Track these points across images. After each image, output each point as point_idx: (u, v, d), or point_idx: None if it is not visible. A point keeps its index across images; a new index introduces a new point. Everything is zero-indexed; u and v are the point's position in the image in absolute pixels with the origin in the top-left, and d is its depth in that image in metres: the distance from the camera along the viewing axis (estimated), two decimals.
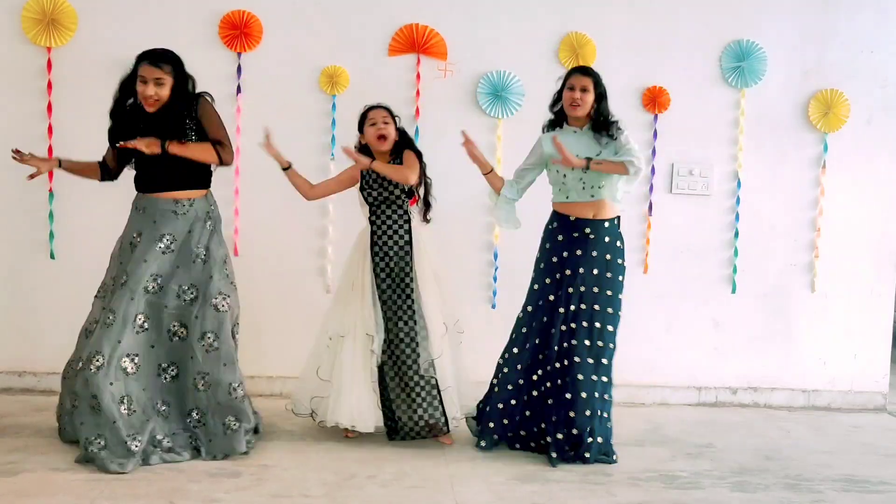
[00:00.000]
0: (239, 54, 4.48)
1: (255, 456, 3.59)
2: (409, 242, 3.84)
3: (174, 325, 3.58)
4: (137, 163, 3.66)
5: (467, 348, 4.04)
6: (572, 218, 3.77)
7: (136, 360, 3.51)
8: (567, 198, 3.79)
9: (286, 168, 3.90)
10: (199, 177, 3.68)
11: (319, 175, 4.45)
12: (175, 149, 3.52)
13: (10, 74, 4.43)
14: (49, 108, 4.42)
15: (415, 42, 4.53)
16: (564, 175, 3.75)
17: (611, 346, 3.69)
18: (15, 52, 4.41)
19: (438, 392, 3.75)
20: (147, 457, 3.42)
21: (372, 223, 3.87)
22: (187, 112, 3.59)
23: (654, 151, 4.65)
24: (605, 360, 3.67)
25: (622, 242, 3.80)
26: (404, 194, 3.84)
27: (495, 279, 4.66)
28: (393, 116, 3.88)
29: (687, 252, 4.72)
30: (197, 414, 3.57)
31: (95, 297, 3.73)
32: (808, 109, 4.68)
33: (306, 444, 3.79)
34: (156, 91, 3.52)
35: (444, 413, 3.75)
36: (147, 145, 3.49)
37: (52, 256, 4.50)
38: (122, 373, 3.47)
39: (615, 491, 3.36)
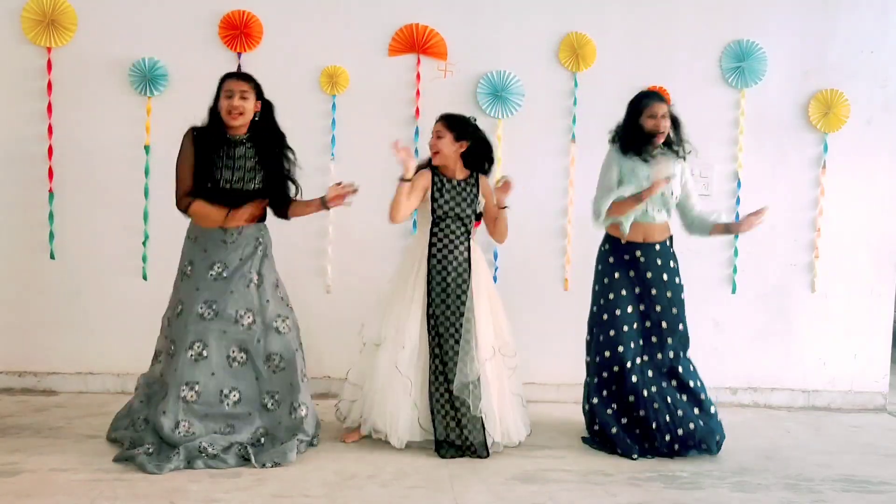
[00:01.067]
0: (239, 54, 4.48)
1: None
2: (469, 260, 3.79)
3: (233, 351, 3.57)
4: (214, 194, 3.57)
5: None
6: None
7: (195, 389, 3.51)
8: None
9: (406, 179, 3.70)
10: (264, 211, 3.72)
11: (319, 175, 4.46)
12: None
13: (10, 74, 4.43)
14: (49, 108, 4.42)
15: (415, 42, 4.53)
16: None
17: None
18: (15, 53, 4.41)
19: (472, 414, 3.66)
20: (191, 461, 3.41)
21: (433, 235, 3.78)
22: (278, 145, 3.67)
23: None
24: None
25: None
26: (474, 214, 3.84)
27: (495, 279, 4.66)
28: (451, 129, 3.79)
29: (687, 252, 4.70)
30: (261, 430, 3.57)
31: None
32: (808, 109, 4.68)
33: None
34: (241, 104, 3.54)
35: (483, 436, 3.66)
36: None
37: (52, 256, 4.50)
38: (184, 403, 3.48)
39: (615, 491, 3.36)
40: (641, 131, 3.81)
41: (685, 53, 4.63)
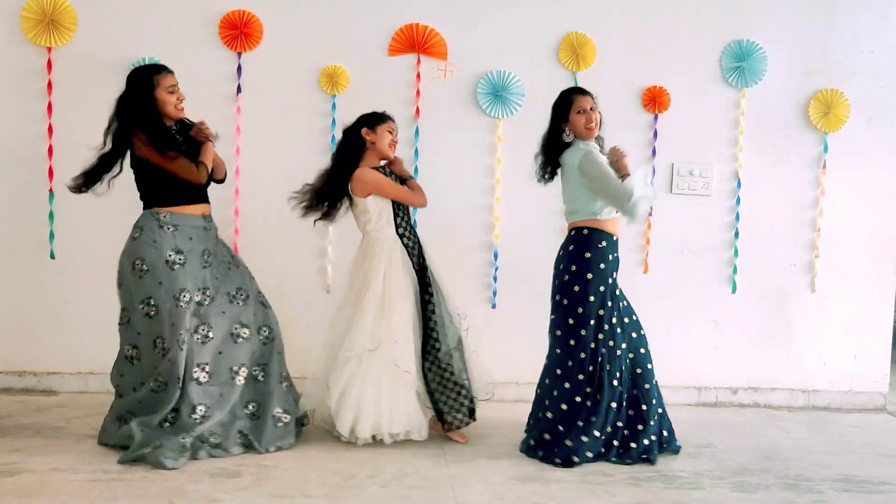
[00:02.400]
0: (239, 54, 4.48)
1: (256, 456, 3.59)
2: (419, 242, 3.95)
3: (236, 328, 3.70)
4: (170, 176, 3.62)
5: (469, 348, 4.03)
6: (615, 237, 3.76)
7: (206, 370, 3.61)
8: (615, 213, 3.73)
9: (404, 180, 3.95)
10: (205, 192, 3.81)
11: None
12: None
13: (10, 74, 4.43)
14: (49, 108, 4.42)
15: (415, 42, 4.53)
16: None
17: None
18: (15, 53, 4.41)
19: (457, 381, 3.81)
20: (195, 451, 3.48)
21: (398, 226, 3.88)
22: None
23: (654, 151, 4.65)
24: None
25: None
26: None
27: (495, 279, 4.66)
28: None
29: (687, 252, 4.72)
30: (254, 406, 3.69)
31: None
32: (808, 109, 4.68)
33: (306, 444, 3.78)
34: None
35: (466, 404, 3.83)
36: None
37: (52, 256, 4.50)
38: (196, 383, 3.58)
39: (615, 491, 3.36)
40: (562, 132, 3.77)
41: (685, 53, 4.63)
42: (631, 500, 3.28)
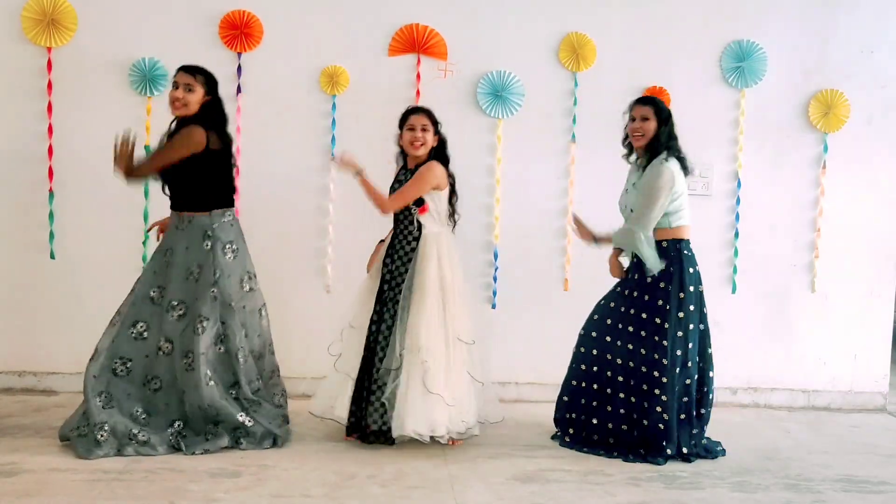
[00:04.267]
0: (239, 54, 4.48)
1: (255, 456, 3.59)
2: (414, 251, 3.78)
3: (161, 340, 3.63)
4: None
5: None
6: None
7: (127, 365, 3.61)
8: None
9: (358, 174, 3.77)
10: (193, 198, 3.69)
11: (320, 176, 4.47)
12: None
13: (10, 74, 4.43)
14: (49, 108, 4.42)
15: (415, 42, 4.53)
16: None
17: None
18: (15, 52, 4.41)
19: (386, 401, 3.69)
20: (122, 448, 3.48)
21: (393, 227, 3.89)
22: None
23: None
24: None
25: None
26: (413, 202, 3.80)
27: (495, 279, 4.66)
28: (434, 123, 3.85)
29: None
30: (179, 425, 3.63)
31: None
32: (808, 109, 4.68)
33: (306, 444, 3.78)
34: (184, 95, 3.61)
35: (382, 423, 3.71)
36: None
37: (52, 256, 4.50)
38: (111, 373, 3.58)
39: (615, 491, 3.36)
40: (627, 136, 3.83)
41: (685, 53, 4.63)
42: (631, 500, 3.28)
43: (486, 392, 3.88)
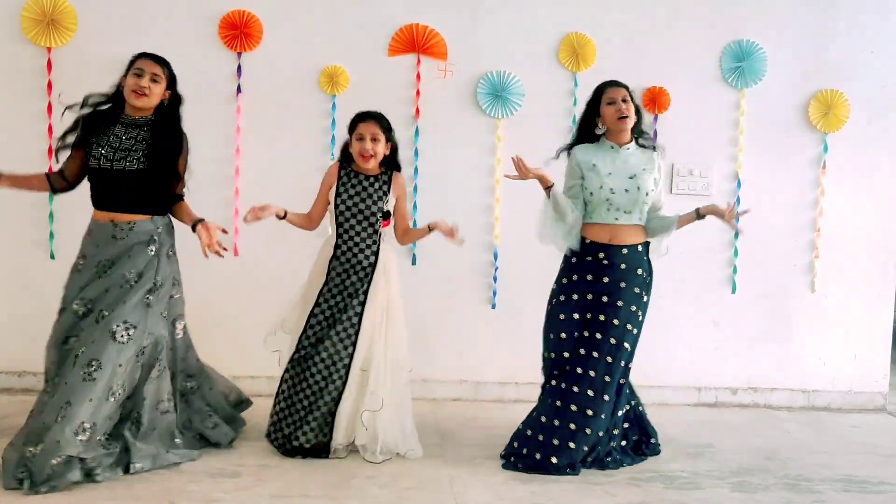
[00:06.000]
0: (239, 54, 4.48)
1: (255, 456, 3.59)
2: (373, 266, 3.64)
3: (83, 350, 3.25)
4: (92, 176, 3.43)
5: (466, 352, 3.96)
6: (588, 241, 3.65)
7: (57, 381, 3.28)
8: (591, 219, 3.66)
9: (282, 217, 3.67)
10: (147, 201, 3.43)
11: (319, 175, 4.46)
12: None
13: (10, 74, 4.43)
14: (49, 108, 4.42)
15: (415, 42, 4.53)
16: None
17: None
18: (15, 52, 4.41)
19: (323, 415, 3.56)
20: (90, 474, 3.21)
21: (338, 236, 3.65)
22: (174, 129, 3.47)
23: None
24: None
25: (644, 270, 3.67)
26: (381, 212, 3.65)
27: (495, 279, 4.66)
28: (386, 130, 3.64)
29: (687, 252, 4.71)
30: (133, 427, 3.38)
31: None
32: (808, 109, 4.68)
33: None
34: (149, 85, 3.36)
35: (329, 438, 3.57)
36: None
37: (52, 256, 4.50)
38: (47, 395, 3.29)
39: (615, 491, 3.36)
40: (593, 120, 3.65)
41: (685, 53, 4.63)
42: (631, 500, 3.28)
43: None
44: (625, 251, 3.61)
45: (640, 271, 3.63)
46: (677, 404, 4.73)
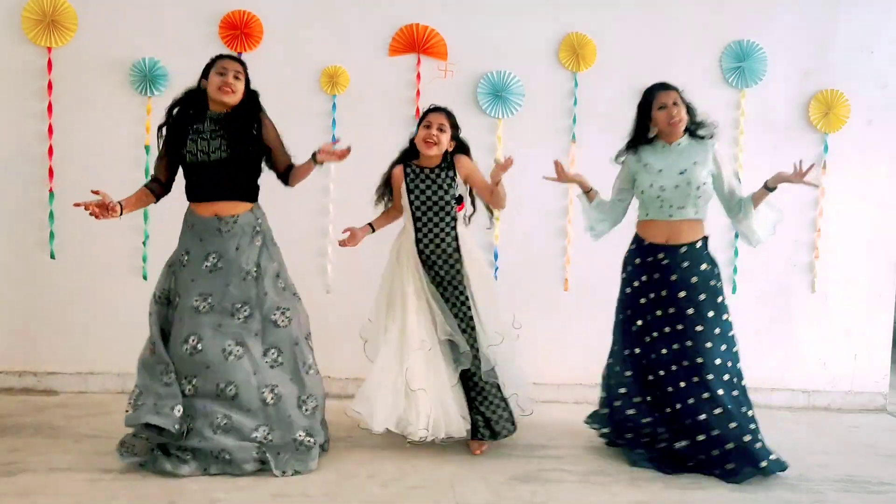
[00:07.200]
0: (239, 54, 4.48)
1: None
2: (458, 249, 3.70)
3: (229, 345, 3.45)
4: (190, 172, 3.52)
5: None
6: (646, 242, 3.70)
7: (193, 382, 3.41)
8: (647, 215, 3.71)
9: (373, 231, 3.90)
10: (246, 188, 3.58)
11: (320, 175, 4.46)
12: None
13: (10, 74, 4.43)
14: (49, 108, 4.42)
15: (415, 42, 4.53)
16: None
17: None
18: (15, 52, 4.42)
19: (503, 396, 3.72)
20: (207, 468, 3.35)
21: (417, 230, 3.72)
22: (255, 118, 3.57)
23: None
24: None
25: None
26: (454, 199, 3.70)
27: (495, 279, 4.66)
28: (453, 126, 3.71)
29: None
30: (266, 430, 3.43)
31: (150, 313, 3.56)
32: (808, 110, 4.68)
33: None
34: (234, 82, 3.49)
35: (510, 416, 3.73)
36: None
37: (52, 256, 4.50)
38: (182, 395, 3.38)
39: (615, 491, 3.36)
40: (645, 124, 3.69)
41: (685, 53, 4.63)
42: (631, 500, 3.28)
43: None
44: (683, 249, 3.63)
45: (704, 266, 3.63)
46: None
